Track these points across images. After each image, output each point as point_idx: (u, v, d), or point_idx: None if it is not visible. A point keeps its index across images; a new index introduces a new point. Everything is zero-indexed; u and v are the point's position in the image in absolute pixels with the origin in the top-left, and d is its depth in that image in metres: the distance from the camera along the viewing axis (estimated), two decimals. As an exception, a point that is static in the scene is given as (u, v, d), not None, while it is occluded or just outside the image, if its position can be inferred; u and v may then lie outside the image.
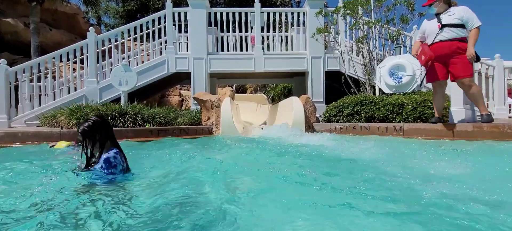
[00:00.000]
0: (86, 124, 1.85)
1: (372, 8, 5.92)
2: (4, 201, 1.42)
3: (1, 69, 5.65)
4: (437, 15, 3.73)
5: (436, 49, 3.68)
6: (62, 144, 3.54)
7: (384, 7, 5.79)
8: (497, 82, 5.46)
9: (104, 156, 1.81)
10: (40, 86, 6.17)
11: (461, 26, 3.57)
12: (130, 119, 4.68)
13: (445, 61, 3.68)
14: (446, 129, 3.75)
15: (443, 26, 3.63)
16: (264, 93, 14.52)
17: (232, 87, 16.80)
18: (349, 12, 6.03)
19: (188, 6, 6.86)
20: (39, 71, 6.09)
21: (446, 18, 3.64)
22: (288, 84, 11.25)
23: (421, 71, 4.64)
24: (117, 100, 6.04)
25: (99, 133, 1.85)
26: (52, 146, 3.53)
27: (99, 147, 1.86)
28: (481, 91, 3.88)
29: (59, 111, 4.94)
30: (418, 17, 5.60)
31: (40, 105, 6.03)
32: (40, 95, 6.14)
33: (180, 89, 15.74)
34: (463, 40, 3.58)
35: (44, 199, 1.41)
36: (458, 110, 3.97)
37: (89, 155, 1.85)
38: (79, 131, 1.86)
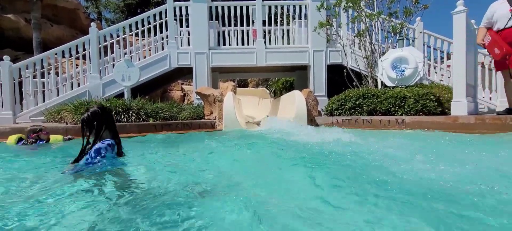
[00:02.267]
0: (86, 114, 1.95)
1: (375, 0, 5.87)
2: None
3: (5, 66, 5.70)
4: None
5: (506, 35, 3.48)
6: (12, 138, 3.50)
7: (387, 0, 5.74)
8: (500, 74, 5.43)
9: (96, 146, 1.88)
10: (43, 82, 6.22)
11: None
12: (134, 114, 4.72)
13: None
14: (448, 121, 3.76)
15: None
16: (265, 87, 14.50)
17: (233, 82, 16.80)
18: (351, 4, 5.98)
19: (189, 0, 6.83)
20: (42, 67, 6.12)
21: None
22: (290, 78, 11.23)
23: (424, 64, 4.60)
24: (120, 96, 6.07)
25: (97, 122, 1.95)
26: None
27: (94, 136, 1.94)
28: None
29: (64, 107, 4.99)
30: (422, 9, 5.55)
31: (44, 101, 6.08)
32: (43, 91, 6.19)
33: (182, 84, 15.74)
34: None
35: (27, 194, 1.43)
36: (460, 102, 3.98)
37: (85, 143, 1.94)
38: (80, 119, 1.97)
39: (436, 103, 4.36)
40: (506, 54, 3.37)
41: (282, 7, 7.09)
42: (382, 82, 5.41)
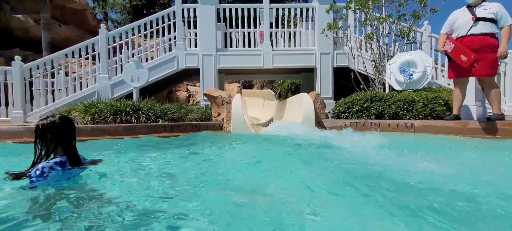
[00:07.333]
0: (40, 123, 1.68)
1: (383, 3, 5.88)
2: None
3: (16, 66, 5.79)
4: (469, 7, 3.62)
5: (466, 43, 3.56)
6: None
7: (396, 3, 5.75)
8: (510, 79, 5.41)
9: (41, 164, 1.63)
10: (53, 82, 6.30)
11: (494, 21, 3.47)
12: (144, 115, 4.77)
13: None
14: (458, 125, 3.75)
15: (477, 19, 3.52)
16: (271, 89, 14.53)
17: (238, 83, 16.85)
18: (360, 7, 5.99)
19: (196, 2, 6.89)
20: (53, 67, 6.21)
21: (480, 11, 3.53)
22: (296, 80, 11.25)
23: (432, 68, 4.61)
24: (128, 96, 6.14)
25: (51, 136, 1.68)
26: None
27: (44, 152, 1.67)
28: (500, 91, 3.76)
29: (74, 107, 5.05)
30: (430, 13, 5.55)
31: (54, 101, 6.17)
32: (53, 91, 6.27)
33: (187, 85, 15.84)
34: (493, 36, 3.49)
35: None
36: (469, 107, 3.98)
37: (36, 156, 1.69)
38: (34, 128, 1.70)
39: (444, 108, 4.36)
40: (474, 61, 3.40)
41: (289, 10, 7.12)
42: (389, 85, 5.42)
